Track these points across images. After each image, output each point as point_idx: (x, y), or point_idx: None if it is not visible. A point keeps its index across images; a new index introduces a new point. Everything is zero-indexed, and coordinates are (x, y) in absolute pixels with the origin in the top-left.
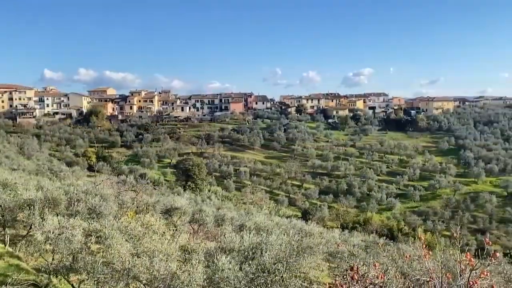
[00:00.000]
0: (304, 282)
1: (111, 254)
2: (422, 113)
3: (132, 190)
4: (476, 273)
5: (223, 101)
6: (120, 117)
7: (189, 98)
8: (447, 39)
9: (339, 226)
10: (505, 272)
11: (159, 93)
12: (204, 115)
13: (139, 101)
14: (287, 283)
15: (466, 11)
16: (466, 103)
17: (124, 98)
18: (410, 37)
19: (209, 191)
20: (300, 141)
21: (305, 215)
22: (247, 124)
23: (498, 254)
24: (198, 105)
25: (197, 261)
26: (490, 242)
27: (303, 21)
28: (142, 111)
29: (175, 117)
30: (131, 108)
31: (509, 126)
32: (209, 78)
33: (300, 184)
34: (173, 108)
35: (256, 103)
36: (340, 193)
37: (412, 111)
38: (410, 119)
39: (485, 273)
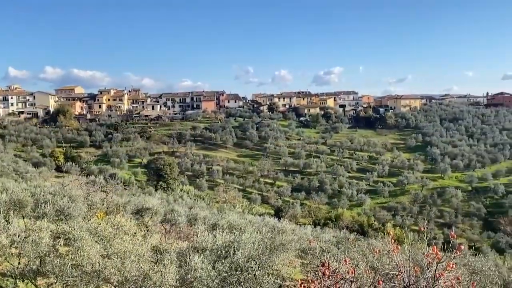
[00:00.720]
0: (277, 279)
1: (81, 256)
2: (390, 111)
3: (102, 191)
4: (442, 265)
5: (194, 99)
6: (88, 116)
7: (160, 96)
8: (414, 38)
9: (311, 223)
10: (469, 264)
11: (129, 91)
12: (176, 114)
13: (108, 99)
14: (260, 281)
15: (431, 12)
16: (433, 100)
17: (92, 96)
18: (379, 36)
19: (181, 190)
20: (273, 139)
21: (278, 213)
22: (219, 122)
23: (463, 247)
24: (169, 103)
25: (169, 261)
26: (455, 236)
27: (275, 20)
28: (112, 110)
29: (146, 116)
30: (100, 107)
31: (473, 123)
32: (180, 76)
33: (272, 182)
34: (143, 107)
35: (228, 102)
36: (312, 190)
37: (380, 109)
38: (379, 117)
39: (451, 265)
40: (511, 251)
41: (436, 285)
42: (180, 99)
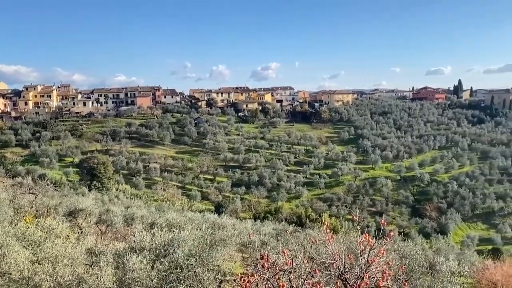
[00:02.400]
0: (218, 275)
1: (7, 264)
2: (324, 105)
3: (30, 193)
4: (374, 252)
5: (129, 95)
6: (13, 114)
7: (92, 92)
8: (346, 38)
9: (251, 217)
10: (399, 249)
11: (58, 87)
12: (109, 110)
13: (35, 96)
14: (200, 278)
15: (360, 12)
16: (364, 95)
17: (17, 93)
18: (313, 33)
19: (117, 190)
20: (212, 135)
21: (218, 208)
22: (156, 118)
23: (392, 233)
24: (102, 99)
25: (105, 263)
26: (386, 223)
27: (210, 15)
28: (39, 107)
29: (77, 112)
30: (26, 104)
31: (401, 116)
32: (113, 71)
33: (212, 177)
34: (74, 104)
35: (165, 97)
36: (251, 184)
37: (316, 104)
38: (314, 112)
39: (382, 251)
40: (436, 235)
41: (368, 271)
42: (113, 95)
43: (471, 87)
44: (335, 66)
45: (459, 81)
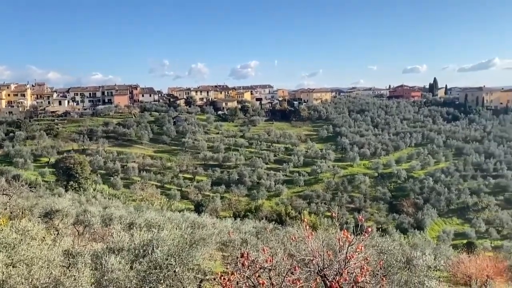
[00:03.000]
0: (198, 274)
1: None
2: (303, 103)
3: (4, 194)
4: (353, 248)
5: (106, 93)
6: None
7: (68, 91)
8: (324, 38)
9: (231, 215)
10: (377, 244)
11: (32, 86)
12: (85, 109)
13: (9, 95)
14: (180, 277)
15: (337, 12)
16: (342, 93)
17: None
18: (291, 31)
19: (94, 190)
20: (191, 134)
21: (198, 208)
22: (134, 117)
23: (370, 229)
24: (78, 98)
25: (83, 264)
26: (363, 219)
27: (190, 13)
28: (13, 106)
29: (52, 112)
30: None
31: (378, 114)
32: (90, 69)
33: (192, 177)
34: (49, 102)
35: (143, 96)
36: (231, 183)
37: (295, 102)
38: (293, 110)
39: (360, 247)
40: (412, 230)
41: (347, 267)
42: (90, 94)
43: (446, 85)
44: (314, 65)
45: (435, 79)
